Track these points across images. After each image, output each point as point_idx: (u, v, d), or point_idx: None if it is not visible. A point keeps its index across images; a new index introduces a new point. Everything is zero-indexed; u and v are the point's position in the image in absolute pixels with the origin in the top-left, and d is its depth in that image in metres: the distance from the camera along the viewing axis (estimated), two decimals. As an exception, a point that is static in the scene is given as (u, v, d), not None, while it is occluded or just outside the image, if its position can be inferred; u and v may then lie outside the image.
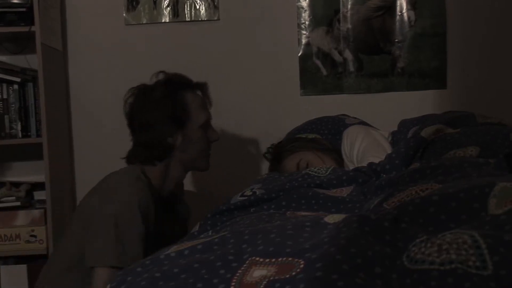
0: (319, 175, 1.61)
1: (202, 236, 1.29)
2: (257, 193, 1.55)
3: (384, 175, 1.55)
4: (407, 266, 0.83)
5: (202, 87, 1.83)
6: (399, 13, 2.59)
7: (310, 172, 1.64)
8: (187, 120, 1.76)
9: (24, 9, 2.28)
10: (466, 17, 2.60)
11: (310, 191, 1.46)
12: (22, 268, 2.33)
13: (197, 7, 2.60)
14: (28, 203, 2.42)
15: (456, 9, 2.59)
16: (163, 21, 2.61)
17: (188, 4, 2.60)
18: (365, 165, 1.66)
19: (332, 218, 1.07)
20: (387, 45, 2.61)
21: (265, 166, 2.11)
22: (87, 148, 2.65)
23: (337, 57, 2.62)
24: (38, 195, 2.45)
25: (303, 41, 2.61)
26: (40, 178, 2.37)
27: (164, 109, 1.72)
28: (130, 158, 1.79)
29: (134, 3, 2.60)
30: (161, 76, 1.80)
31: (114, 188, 1.65)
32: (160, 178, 1.77)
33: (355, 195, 1.44)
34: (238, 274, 0.89)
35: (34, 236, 2.32)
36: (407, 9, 2.59)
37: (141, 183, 1.67)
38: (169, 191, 1.82)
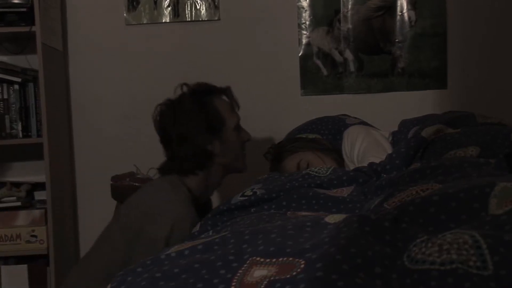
0: (320, 175, 1.61)
1: (203, 236, 1.29)
2: (258, 193, 1.55)
3: (384, 175, 1.55)
4: (407, 266, 0.83)
5: (226, 91, 1.85)
6: (400, 13, 2.59)
7: (310, 172, 1.64)
8: (222, 125, 1.78)
9: (24, 9, 2.28)
10: (466, 17, 2.60)
11: (310, 191, 1.46)
12: (23, 268, 2.33)
13: (198, 7, 2.60)
14: (28, 203, 2.42)
15: (456, 9, 2.59)
16: (163, 21, 2.61)
17: (188, 4, 2.60)
18: (366, 165, 1.66)
19: (333, 218, 1.07)
20: (387, 45, 2.61)
21: (265, 166, 2.11)
22: (88, 148, 2.65)
23: (337, 57, 2.62)
24: (39, 195, 2.45)
25: (304, 41, 2.61)
26: (40, 178, 2.37)
27: (198, 119, 1.73)
28: (167, 170, 1.79)
29: (134, 3, 2.60)
30: (184, 88, 1.81)
31: (163, 208, 1.64)
32: (202, 186, 1.78)
33: (355, 195, 1.44)
34: (238, 274, 0.89)
35: (35, 236, 2.32)
36: (408, 9, 2.59)
37: (188, 200, 1.67)
38: (207, 197, 1.84)
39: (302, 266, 0.85)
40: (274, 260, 0.90)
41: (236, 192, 1.61)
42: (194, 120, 1.73)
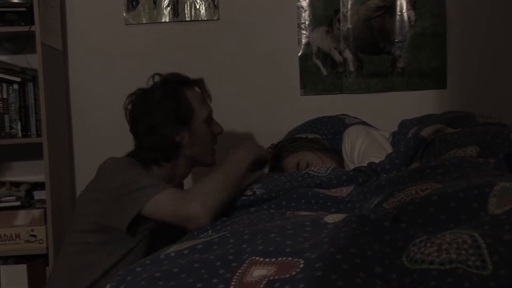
0: (319, 174, 1.61)
1: (202, 236, 1.29)
2: (257, 192, 1.55)
3: (384, 175, 1.55)
4: (407, 266, 0.83)
5: (198, 82, 1.84)
6: (399, 13, 2.59)
7: (310, 172, 1.64)
8: (191, 116, 1.76)
9: (24, 9, 2.27)
10: (466, 17, 2.60)
11: (310, 191, 1.46)
12: (22, 268, 2.33)
13: (197, 7, 2.60)
14: (28, 202, 2.42)
15: (456, 9, 2.59)
16: (163, 21, 2.61)
17: (188, 4, 2.60)
18: (366, 165, 1.66)
19: (332, 218, 1.07)
20: (387, 45, 2.61)
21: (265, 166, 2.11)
22: (87, 148, 2.65)
23: (337, 57, 2.62)
24: (38, 194, 2.45)
25: (303, 41, 2.61)
26: (40, 177, 2.37)
27: (167, 108, 1.72)
28: (130, 157, 1.78)
29: (134, 3, 2.60)
30: (156, 78, 1.81)
31: (117, 166, 1.66)
32: (166, 178, 1.76)
33: (354, 195, 1.45)
34: (237, 274, 0.89)
35: (34, 236, 2.31)
36: (407, 9, 2.58)
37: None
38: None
39: (302, 266, 0.84)
40: (273, 259, 0.90)
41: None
42: (163, 110, 1.72)
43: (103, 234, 1.62)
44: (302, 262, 0.86)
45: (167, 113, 1.72)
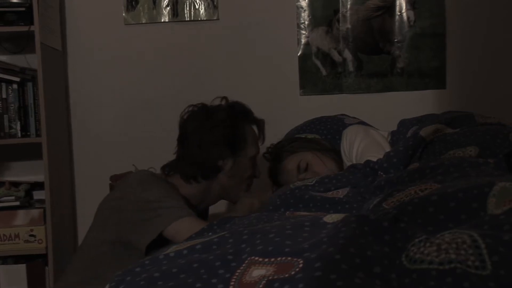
0: (307, 184, 1.59)
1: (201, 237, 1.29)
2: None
3: (381, 173, 1.55)
4: (406, 265, 0.83)
5: (259, 122, 1.86)
6: (399, 13, 2.59)
7: (297, 185, 1.61)
8: (242, 149, 1.77)
9: (23, 9, 2.27)
10: (465, 17, 2.60)
11: (306, 195, 1.46)
12: (21, 268, 2.33)
13: (197, 6, 2.60)
14: (27, 202, 2.42)
15: (455, 9, 2.59)
16: (162, 20, 2.61)
17: (187, 3, 2.60)
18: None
19: (331, 218, 1.07)
20: (387, 45, 2.61)
21: (264, 167, 2.10)
22: (86, 148, 2.65)
23: (336, 57, 2.62)
24: (38, 194, 2.44)
25: (303, 41, 2.61)
26: (39, 177, 2.37)
27: (223, 132, 1.73)
28: (169, 168, 1.79)
29: (133, 2, 2.60)
30: (223, 101, 1.82)
31: (147, 180, 1.66)
32: (197, 196, 1.78)
33: (351, 196, 1.44)
34: (237, 274, 0.89)
35: (33, 235, 2.31)
36: (407, 9, 2.59)
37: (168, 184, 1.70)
38: (198, 211, 1.83)
39: (301, 265, 0.84)
40: (272, 259, 0.90)
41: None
42: (219, 131, 1.73)
43: (120, 249, 1.61)
44: (301, 262, 0.85)
45: (221, 135, 1.73)
